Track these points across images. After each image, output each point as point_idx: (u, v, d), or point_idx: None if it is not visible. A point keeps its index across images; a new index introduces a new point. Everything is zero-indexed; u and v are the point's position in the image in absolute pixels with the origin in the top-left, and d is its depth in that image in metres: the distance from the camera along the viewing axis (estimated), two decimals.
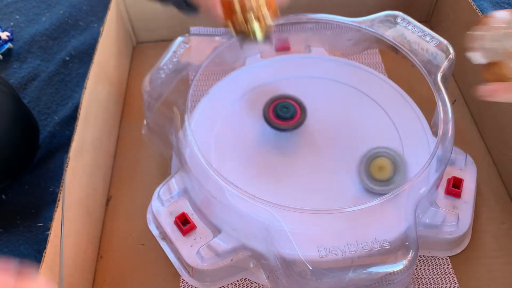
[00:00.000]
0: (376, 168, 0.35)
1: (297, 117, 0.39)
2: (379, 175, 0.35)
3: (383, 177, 0.35)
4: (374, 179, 0.35)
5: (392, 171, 0.35)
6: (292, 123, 0.39)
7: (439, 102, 0.38)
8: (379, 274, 0.31)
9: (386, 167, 0.35)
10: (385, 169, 0.35)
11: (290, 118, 0.39)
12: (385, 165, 0.35)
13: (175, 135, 0.38)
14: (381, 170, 0.35)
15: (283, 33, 0.46)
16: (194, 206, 0.38)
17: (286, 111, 0.39)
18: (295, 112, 0.39)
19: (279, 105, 0.39)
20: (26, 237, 0.42)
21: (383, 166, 0.35)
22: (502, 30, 0.32)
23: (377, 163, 0.36)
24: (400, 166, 0.35)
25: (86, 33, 0.61)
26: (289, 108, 0.39)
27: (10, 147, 0.43)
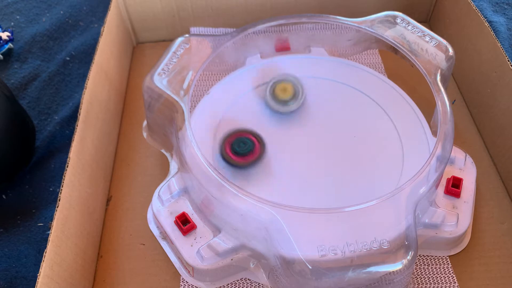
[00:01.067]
0: (280, 90, 0.42)
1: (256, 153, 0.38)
2: (282, 96, 0.41)
3: (285, 98, 0.41)
4: (278, 100, 0.41)
5: (292, 94, 0.42)
6: (252, 159, 0.38)
7: (439, 102, 0.38)
8: (379, 274, 0.31)
9: (288, 89, 0.41)
10: (287, 91, 0.41)
11: (248, 153, 0.38)
12: (287, 88, 0.41)
13: (175, 135, 0.38)
14: (284, 91, 0.41)
15: (283, 33, 0.46)
16: (194, 206, 0.38)
17: (244, 147, 0.38)
18: (253, 147, 0.38)
19: (236, 140, 0.38)
20: (27, 236, 0.42)
21: (285, 88, 0.41)
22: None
23: (281, 86, 0.42)
24: (299, 90, 0.42)
25: (86, 34, 0.61)
26: (247, 143, 0.38)
27: (3, 149, 0.43)
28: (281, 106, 0.41)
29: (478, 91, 0.48)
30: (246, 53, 0.47)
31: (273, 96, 0.41)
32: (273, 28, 0.45)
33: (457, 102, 0.51)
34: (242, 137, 0.38)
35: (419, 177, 0.34)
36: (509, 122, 0.43)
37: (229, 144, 0.38)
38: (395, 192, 0.33)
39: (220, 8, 0.55)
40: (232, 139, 0.38)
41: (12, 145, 0.44)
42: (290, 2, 0.56)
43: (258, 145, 0.38)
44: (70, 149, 0.37)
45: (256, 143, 0.38)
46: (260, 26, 0.44)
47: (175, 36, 0.44)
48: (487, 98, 0.46)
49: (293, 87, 0.42)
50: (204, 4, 0.55)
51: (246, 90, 0.44)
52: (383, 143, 0.40)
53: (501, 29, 0.59)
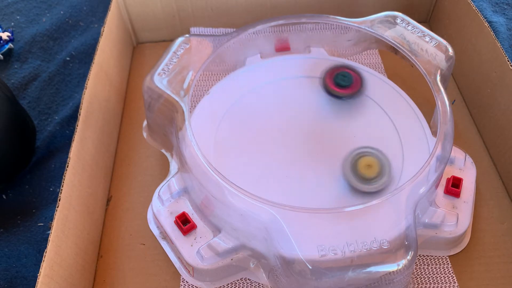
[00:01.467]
0: (364, 166, 0.36)
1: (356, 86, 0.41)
2: (367, 173, 0.35)
3: (370, 175, 0.35)
4: (361, 177, 0.35)
5: (379, 170, 0.36)
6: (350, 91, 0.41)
7: (439, 102, 0.38)
8: (379, 274, 0.31)
9: (374, 165, 0.36)
10: (372, 168, 0.36)
11: (349, 86, 0.41)
12: (372, 164, 0.36)
13: (175, 135, 0.38)
14: (369, 168, 0.35)
15: (283, 33, 0.46)
16: (194, 206, 0.38)
17: (344, 79, 0.41)
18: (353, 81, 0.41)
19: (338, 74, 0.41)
20: (27, 236, 0.42)
21: (370, 164, 0.35)
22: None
23: (364, 161, 0.36)
24: (386, 166, 0.36)
25: (87, 34, 0.61)
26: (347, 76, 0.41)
27: (3, 149, 0.43)
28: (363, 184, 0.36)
29: (478, 91, 0.48)
30: (246, 53, 0.47)
31: (355, 171, 0.36)
32: (273, 28, 0.45)
33: (457, 102, 0.51)
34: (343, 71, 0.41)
35: (419, 177, 0.34)
36: (509, 122, 0.43)
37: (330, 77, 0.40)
38: (395, 192, 0.33)
39: (220, 8, 0.55)
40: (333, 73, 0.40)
41: (13, 145, 0.44)
42: (290, 2, 0.56)
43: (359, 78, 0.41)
44: (70, 149, 0.37)
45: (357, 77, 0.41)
46: (260, 26, 0.44)
47: (175, 36, 0.44)
48: (487, 98, 0.46)
49: (379, 163, 0.35)
50: (204, 4, 0.55)
51: (246, 90, 0.44)
52: (383, 143, 0.40)
53: (501, 29, 0.59)
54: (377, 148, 0.37)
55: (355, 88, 0.41)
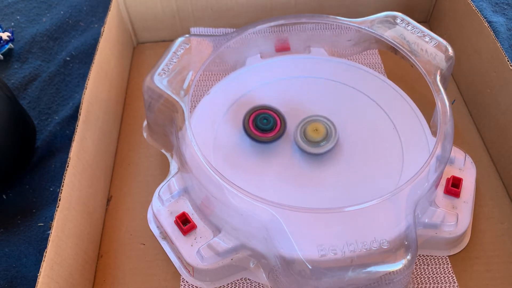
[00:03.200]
0: (311, 130, 0.39)
1: (277, 129, 0.39)
2: (313, 136, 0.39)
3: (316, 138, 0.39)
4: (308, 140, 0.39)
5: (324, 135, 0.39)
6: (272, 135, 0.39)
7: (438, 102, 0.38)
8: (379, 274, 0.31)
9: (320, 129, 0.39)
10: (319, 131, 0.39)
11: (270, 130, 0.39)
12: (319, 128, 0.39)
13: (175, 135, 0.38)
14: (316, 132, 0.39)
15: (283, 33, 0.46)
16: (195, 206, 0.38)
17: (266, 123, 0.39)
18: (275, 124, 0.39)
19: (259, 116, 0.39)
20: (27, 236, 0.42)
21: (317, 129, 0.39)
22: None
23: (312, 126, 0.39)
24: (332, 132, 0.39)
25: (87, 34, 0.61)
26: (269, 119, 0.39)
27: (3, 149, 0.43)
28: (312, 147, 0.39)
29: (478, 91, 0.48)
30: (246, 53, 0.47)
31: (304, 137, 0.39)
32: (273, 28, 0.45)
33: (457, 102, 0.51)
34: (264, 113, 0.39)
35: (419, 177, 0.34)
36: (509, 122, 0.43)
37: (252, 119, 0.39)
38: (395, 192, 0.33)
39: (220, 8, 0.55)
40: (255, 115, 0.39)
41: (13, 145, 0.44)
42: (290, 2, 0.56)
43: (279, 121, 0.39)
44: (70, 149, 0.37)
45: (278, 120, 0.39)
46: (260, 26, 0.44)
47: (175, 36, 0.44)
48: (487, 98, 0.46)
49: (325, 128, 0.39)
50: (204, 4, 0.55)
51: (246, 90, 0.44)
52: (383, 143, 0.40)
53: (501, 29, 0.59)
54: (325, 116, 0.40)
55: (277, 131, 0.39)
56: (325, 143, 0.39)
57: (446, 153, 0.36)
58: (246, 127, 0.39)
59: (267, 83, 0.44)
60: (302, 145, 0.39)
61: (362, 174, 0.38)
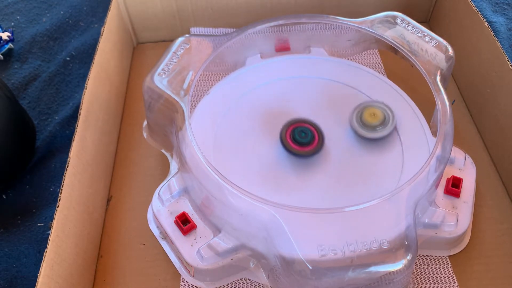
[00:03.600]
0: (368, 114, 0.40)
1: (315, 143, 0.38)
2: (370, 121, 0.39)
3: (374, 123, 0.39)
4: (365, 125, 0.39)
5: (382, 119, 0.40)
6: (310, 148, 0.38)
7: (439, 102, 0.38)
8: (379, 274, 0.31)
9: (377, 114, 0.40)
10: (376, 116, 0.40)
11: (308, 143, 0.38)
12: (377, 113, 0.40)
13: (175, 135, 0.38)
14: (373, 116, 0.40)
15: (283, 33, 0.46)
16: (195, 206, 0.38)
17: (304, 136, 0.38)
18: (313, 138, 0.38)
19: (297, 129, 0.39)
20: (27, 236, 0.42)
21: (375, 113, 0.40)
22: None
23: (369, 111, 0.40)
24: (390, 117, 0.40)
25: (87, 34, 0.61)
26: (307, 133, 0.39)
27: (3, 150, 0.42)
28: (369, 132, 0.39)
29: (478, 91, 0.48)
30: (246, 53, 0.47)
31: (361, 121, 0.40)
32: (273, 28, 0.45)
33: (457, 102, 0.51)
34: (303, 127, 0.39)
35: (419, 177, 0.34)
36: (509, 122, 0.43)
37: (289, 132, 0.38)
38: (395, 192, 0.33)
39: (220, 8, 0.55)
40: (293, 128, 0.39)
41: (13, 146, 0.44)
42: (290, 2, 0.56)
43: (317, 136, 0.39)
44: (70, 149, 0.37)
45: (316, 134, 0.39)
46: (260, 26, 0.44)
47: (175, 36, 0.44)
48: (487, 98, 0.46)
49: (383, 113, 0.40)
50: (204, 4, 0.55)
51: (246, 90, 0.44)
52: (383, 143, 0.40)
53: (501, 29, 0.59)
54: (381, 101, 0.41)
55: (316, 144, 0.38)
56: (381, 128, 0.39)
57: (446, 153, 0.36)
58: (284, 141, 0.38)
59: (267, 83, 0.44)
60: (358, 129, 0.39)
61: (362, 174, 0.38)
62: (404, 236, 0.32)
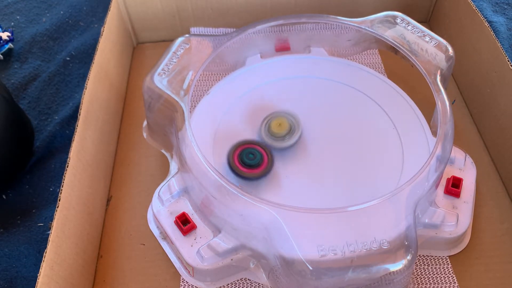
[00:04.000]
0: (275, 125, 0.40)
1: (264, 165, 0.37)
2: (277, 131, 0.39)
3: (281, 132, 0.39)
4: (273, 135, 0.39)
5: (288, 129, 0.40)
6: (259, 171, 0.37)
7: (439, 102, 0.38)
8: (379, 274, 0.31)
9: (284, 124, 0.40)
10: (282, 126, 0.40)
11: (256, 165, 0.37)
12: (283, 123, 0.40)
13: (175, 135, 0.38)
14: (279, 126, 0.39)
15: (283, 33, 0.46)
16: (195, 206, 0.38)
17: (252, 158, 0.37)
18: (262, 159, 0.38)
19: (245, 151, 0.38)
20: (27, 237, 0.42)
21: (281, 123, 0.40)
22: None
23: (276, 121, 0.40)
24: (295, 126, 0.40)
25: (87, 34, 0.61)
26: (256, 155, 0.38)
27: (0, 150, 0.42)
28: (277, 141, 0.39)
29: (478, 91, 0.48)
30: (246, 53, 0.47)
31: (268, 132, 0.39)
32: (273, 28, 0.45)
33: (457, 102, 0.51)
34: (251, 148, 0.38)
35: (419, 177, 0.34)
36: (509, 122, 0.43)
37: (237, 155, 0.38)
38: (395, 192, 0.33)
39: (220, 8, 0.55)
40: (241, 149, 0.38)
41: (11, 146, 0.44)
42: (290, 2, 0.56)
43: (266, 157, 0.38)
44: (70, 149, 0.37)
45: (265, 155, 0.38)
46: (260, 26, 0.44)
47: (175, 36, 0.44)
48: (487, 98, 0.46)
49: (288, 122, 0.40)
50: (204, 4, 0.55)
51: (246, 90, 0.44)
52: (383, 143, 0.40)
53: (501, 29, 0.59)
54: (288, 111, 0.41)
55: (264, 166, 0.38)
56: (288, 137, 0.39)
57: (446, 153, 0.36)
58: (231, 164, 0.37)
59: (267, 83, 0.44)
60: (267, 140, 0.39)
61: (362, 174, 0.38)
62: (404, 236, 0.32)
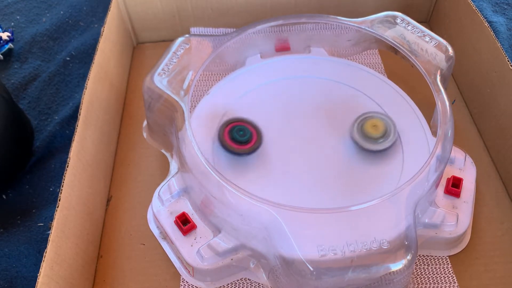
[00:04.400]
0: (370, 126, 0.39)
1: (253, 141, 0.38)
2: (372, 132, 0.39)
3: (376, 135, 0.39)
4: (366, 136, 0.39)
5: (384, 130, 0.39)
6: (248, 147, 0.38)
7: (439, 102, 0.38)
8: (379, 274, 0.31)
9: (379, 125, 0.39)
10: (378, 128, 0.39)
11: (246, 142, 0.38)
12: (378, 124, 0.39)
13: (175, 135, 0.38)
14: (375, 128, 0.39)
15: (283, 33, 0.46)
16: (195, 206, 0.38)
17: (242, 135, 0.38)
18: (251, 136, 0.38)
19: (235, 128, 0.38)
20: (27, 237, 0.42)
21: (376, 125, 0.39)
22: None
23: (371, 122, 0.39)
24: (391, 127, 0.39)
25: (87, 34, 0.61)
26: (245, 132, 0.38)
27: (1, 151, 0.42)
28: (371, 144, 0.39)
29: (478, 91, 0.48)
30: (246, 53, 0.47)
31: (362, 133, 0.39)
32: (273, 28, 0.45)
33: (457, 102, 0.51)
34: (241, 126, 0.38)
35: (419, 177, 0.34)
36: (509, 122, 0.43)
37: (228, 131, 0.38)
38: (395, 192, 0.33)
39: (220, 8, 0.55)
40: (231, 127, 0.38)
41: (9, 147, 0.44)
42: (290, 2, 0.56)
43: (256, 134, 0.38)
44: (70, 149, 0.37)
45: (254, 133, 0.38)
46: (260, 26, 0.44)
47: (175, 36, 0.44)
48: (487, 98, 0.46)
49: (384, 124, 0.39)
50: (204, 4, 0.55)
51: (246, 90, 0.44)
52: None
53: (501, 29, 0.59)
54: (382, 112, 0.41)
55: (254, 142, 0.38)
56: (383, 140, 0.39)
57: (446, 153, 0.36)
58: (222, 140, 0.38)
59: (267, 83, 0.44)
60: (360, 140, 0.39)
61: (362, 174, 0.38)
62: (404, 236, 0.32)
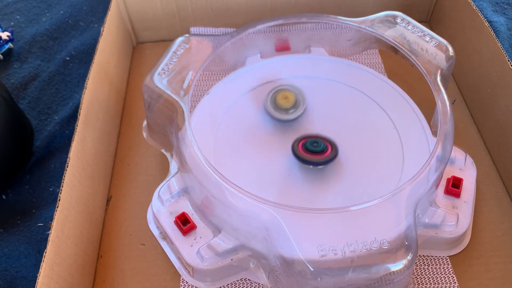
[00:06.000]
0: (281, 98, 0.41)
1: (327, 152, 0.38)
2: (283, 104, 0.41)
3: (287, 105, 0.41)
4: (278, 107, 0.41)
5: (294, 102, 0.41)
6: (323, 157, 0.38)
7: (439, 102, 0.38)
8: (379, 274, 0.31)
9: (290, 97, 0.41)
10: (289, 99, 0.41)
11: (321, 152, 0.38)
12: (289, 96, 0.41)
13: (175, 135, 0.38)
14: (286, 100, 0.41)
15: (283, 33, 0.46)
16: (194, 206, 0.38)
17: (316, 146, 0.38)
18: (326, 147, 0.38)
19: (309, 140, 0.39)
20: (26, 237, 0.42)
21: (287, 97, 0.41)
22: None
23: (282, 94, 0.42)
24: (301, 98, 0.42)
25: (87, 33, 0.61)
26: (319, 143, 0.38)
27: (0, 151, 0.42)
28: (281, 114, 0.41)
29: (478, 91, 0.48)
30: (246, 53, 0.47)
31: (274, 104, 0.41)
32: (273, 28, 0.45)
33: (457, 102, 0.51)
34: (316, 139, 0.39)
35: (419, 177, 0.34)
36: (509, 122, 0.43)
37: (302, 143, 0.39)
38: (395, 192, 0.33)
39: (220, 8, 0.55)
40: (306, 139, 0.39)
41: (9, 147, 0.44)
42: (290, 2, 0.56)
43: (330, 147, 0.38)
44: (70, 149, 0.37)
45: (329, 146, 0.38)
46: (260, 26, 0.44)
47: (175, 36, 0.44)
48: (487, 98, 0.46)
49: (295, 96, 0.41)
50: (204, 4, 0.55)
51: (246, 90, 0.44)
52: (383, 143, 0.40)
53: (501, 29, 0.59)
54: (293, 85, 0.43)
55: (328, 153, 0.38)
56: (293, 111, 0.41)
57: (446, 153, 0.36)
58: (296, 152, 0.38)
59: (267, 83, 0.44)
60: (272, 111, 0.41)
61: (362, 174, 0.38)
62: (404, 236, 0.32)
